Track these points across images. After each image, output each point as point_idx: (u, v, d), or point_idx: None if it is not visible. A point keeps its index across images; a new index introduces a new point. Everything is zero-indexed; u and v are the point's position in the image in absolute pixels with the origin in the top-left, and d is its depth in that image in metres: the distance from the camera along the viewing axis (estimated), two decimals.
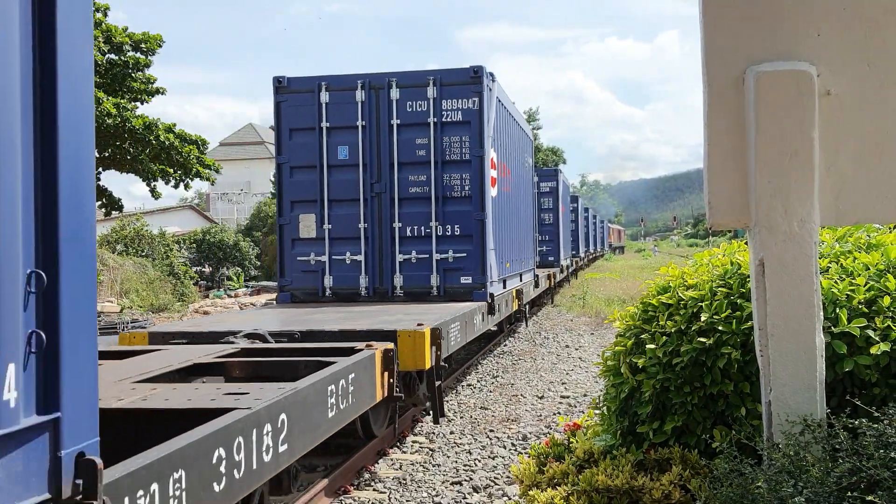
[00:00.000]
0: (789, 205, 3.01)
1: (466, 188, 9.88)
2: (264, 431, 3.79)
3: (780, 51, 3.06)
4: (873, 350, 3.08)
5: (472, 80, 9.82)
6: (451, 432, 7.62)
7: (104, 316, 18.31)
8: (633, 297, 19.13)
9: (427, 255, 9.93)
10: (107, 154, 17.93)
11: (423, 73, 9.99)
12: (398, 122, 9.94)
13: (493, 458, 6.68)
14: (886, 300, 3.22)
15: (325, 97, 10.07)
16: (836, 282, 3.36)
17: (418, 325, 6.77)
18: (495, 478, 6.12)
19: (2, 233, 2.03)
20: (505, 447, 7.05)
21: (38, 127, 2.16)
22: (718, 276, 3.76)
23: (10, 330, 2.07)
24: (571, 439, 4.00)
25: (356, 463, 6.24)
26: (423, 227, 9.97)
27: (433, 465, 6.52)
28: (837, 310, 3.22)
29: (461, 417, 8.28)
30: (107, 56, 18.03)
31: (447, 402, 8.98)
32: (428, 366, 6.63)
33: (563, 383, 10.19)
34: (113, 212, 20.41)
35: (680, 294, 3.72)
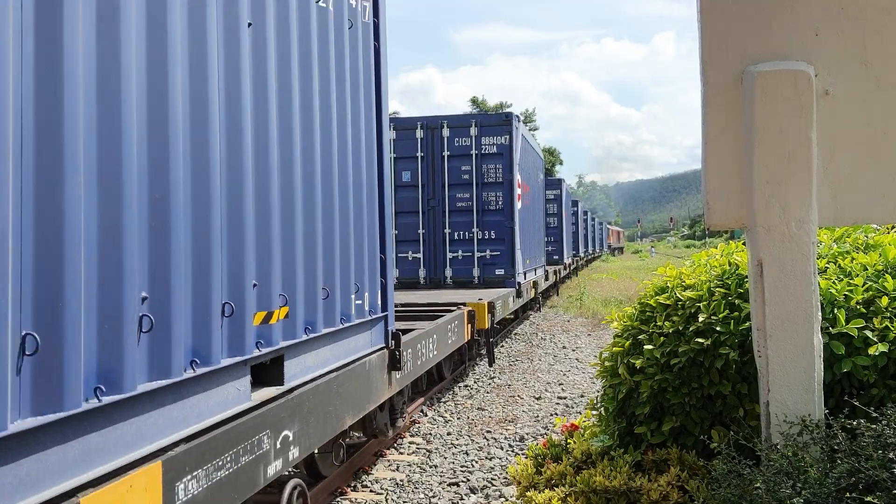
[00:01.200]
0: (787, 205, 3.00)
1: (500, 203, 13.22)
2: (430, 341, 7.27)
3: (778, 50, 3.05)
4: (871, 351, 3.07)
5: (503, 122, 13.30)
6: (448, 433, 7.61)
7: None
8: (630, 297, 19.15)
9: (470, 254, 13.29)
10: None
11: (468, 117, 13.74)
12: (448, 153, 13.25)
13: (491, 460, 6.67)
14: (884, 301, 3.21)
15: (392, 134, 12.86)
16: (834, 282, 3.35)
17: (479, 299, 10.09)
18: (492, 479, 6.11)
19: (374, 242, 5.39)
20: (502, 448, 7.04)
21: (379, 195, 5.58)
22: (716, 276, 3.75)
23: (379, 279, 5.52)
24: (569, 440, 3.99)
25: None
26: (466, 233, 13.30)
27: (430, 467, 6.50)
28: (835, 310, 3.21)
29: (458, 418, 8.27)
30: None
31: (445, 402, 9.01)
32: (486, 326, 10.08)
33: (560, 384, 10.18)
34: None
35: (678, 294, 3.71)
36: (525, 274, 14.57)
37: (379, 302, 5.56)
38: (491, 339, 10.58)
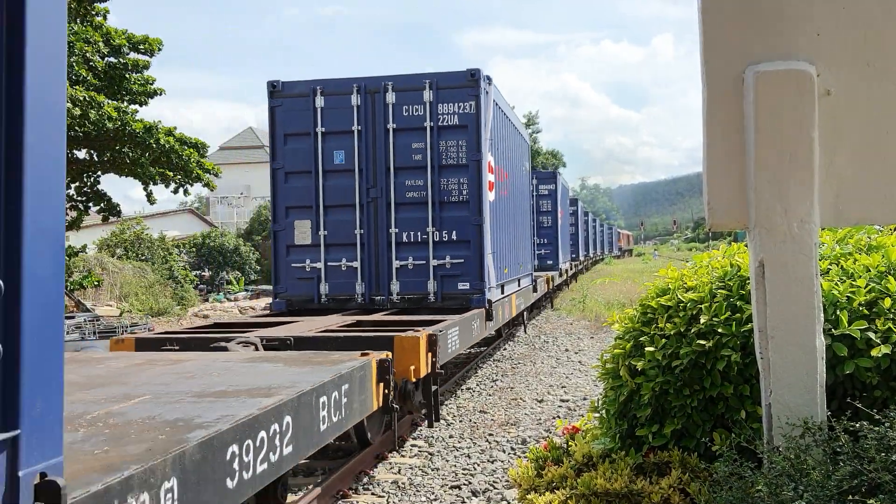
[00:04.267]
0: (789, 205, 2.98)
1: (549, 223, 23.11)
2: (540, 286, 18.07)
3: (780, 50, 3.03)
4: (874, 352, 3.05)
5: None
6: (450, 436, 7.59)
7: (104, 319, 18.15)
8: (633, 300, 19.09)
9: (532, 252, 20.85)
10: (106, 157, 17.69)
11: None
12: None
13: (493, 462, 6.65)
14: (887, 302, 3.19)
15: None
16: (836, 283, 3.33)
17: (545, 272, 20.30)
18: (494, 482, 6.09)
19: (530, 244, 16.28)
20: (504, 451, 7.02)
21: (531, 222, 18.21)
22: (718, 277, 3.72)
23: (530, 257, 15.93)
24: (570, 443, 3.96)
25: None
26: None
27: (432, 470, 6.48)
28: (838, 312, 3.19)
29: (460, 421, 8.25)
30: (106, 59, 17.83)
31: (447, 405, 9.00)
32: (552, 286, 21.24)
33: (562, 387, 10.16)
34: (111, 217, 20.28)
35: (679, 296, 3.69)
36: (563, 263, 23.71)
37: (531, 265, 14.69)
38: (552, 295, 21.15)
